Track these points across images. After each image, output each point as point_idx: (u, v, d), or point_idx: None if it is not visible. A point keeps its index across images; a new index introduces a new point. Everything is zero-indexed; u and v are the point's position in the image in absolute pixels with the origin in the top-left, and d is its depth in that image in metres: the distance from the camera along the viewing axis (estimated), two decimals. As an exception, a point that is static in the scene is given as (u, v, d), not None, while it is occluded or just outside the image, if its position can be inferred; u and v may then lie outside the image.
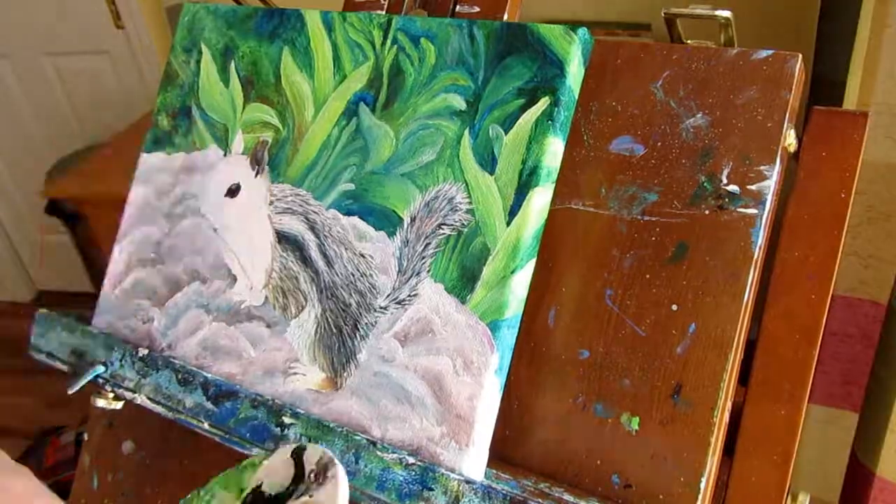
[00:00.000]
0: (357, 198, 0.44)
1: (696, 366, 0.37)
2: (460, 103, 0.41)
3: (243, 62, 0.50)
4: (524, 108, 0.39)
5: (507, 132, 0.40)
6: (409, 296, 0.41)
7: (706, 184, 0.39)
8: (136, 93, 1.82)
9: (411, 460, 0.38)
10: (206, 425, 0.45)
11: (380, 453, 0.39)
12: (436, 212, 0.41)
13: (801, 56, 0.38)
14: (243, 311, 0.46)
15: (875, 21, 0.68)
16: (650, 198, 0.40)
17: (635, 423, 0.38)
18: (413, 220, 0.42)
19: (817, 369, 0.38)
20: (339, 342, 0.42)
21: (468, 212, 0.40)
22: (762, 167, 0.37)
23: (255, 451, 0.43)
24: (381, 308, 0.42)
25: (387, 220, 0.42)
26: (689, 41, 0.41)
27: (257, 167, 0.47)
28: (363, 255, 0.43)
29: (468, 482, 0.37)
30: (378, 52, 0.45)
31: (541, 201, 0.39)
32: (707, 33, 0.41)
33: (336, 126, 0.45)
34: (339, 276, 0.43)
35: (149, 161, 0.53)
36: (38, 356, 0.53)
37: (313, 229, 0.45)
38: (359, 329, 0.42)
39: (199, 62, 0.52)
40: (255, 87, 0.49)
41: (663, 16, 0.40)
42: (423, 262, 0.41)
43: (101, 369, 0.49)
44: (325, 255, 0.44)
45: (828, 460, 0.87)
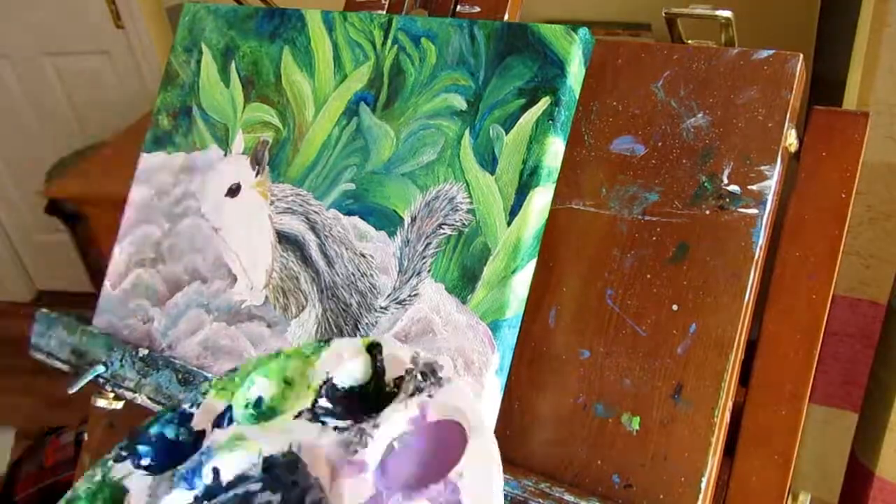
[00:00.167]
0: (358, 198, 0.44)
1: (697, 366, 0.37)
2: (461, 103, 0.41)
3: (244, 62, 0.50)
4: (525, 107, 0.39)
5: (507, 132, 0.40)
6: (409, 296, 0.41)
7: (707, 184, 0.39)
8: (136, 93, 1.82)
9: (412, 460, 0.38)
10: (206, 425, 0.45)
11: (380, 453, 0.39)
12: (436, 212, 0.41)
13: (801, 56, 0.38)
14: (244, 310, 0.46)
15: (875, 20, 0.68)
16: (651, 198, 0.40)
17: (636, 423, 0.38)
18: (414, 219, 0.42)
19: (817, 369, 0.38)
20: (340, 342, 0.42)
21: (469, 212, 0.40)
22: (763, 167, 0.37)
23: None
24: (382, 308, 0.42)
25: (387, 220, 0.42)
26: (689, 41, 0.41)
27: (258, 167, 0.47)
28: (364, 255, 0.43)
29: (469, 482, 0.37)
30: (379, 51, 0.45)
31: (541, 201, 0.39)
32: (707, 33, 0.41)
33: (336, 126, 0.45)
34: (339, 276, 0.43)
35: (149, 161, 0.53)
36: (38, 356, 0.53)
37: (314, 229, 0.45)
38: (359, 329, 0.42)
39: (199, 62, 0.51)
40: (256, 86, 0.49)
41: (664, 16, 0.40)
42: (424, 262, 0.41)
43: (101, 369, 0.49)
44: (326, 255, 0.44)
45: (828, 460, 0.87)
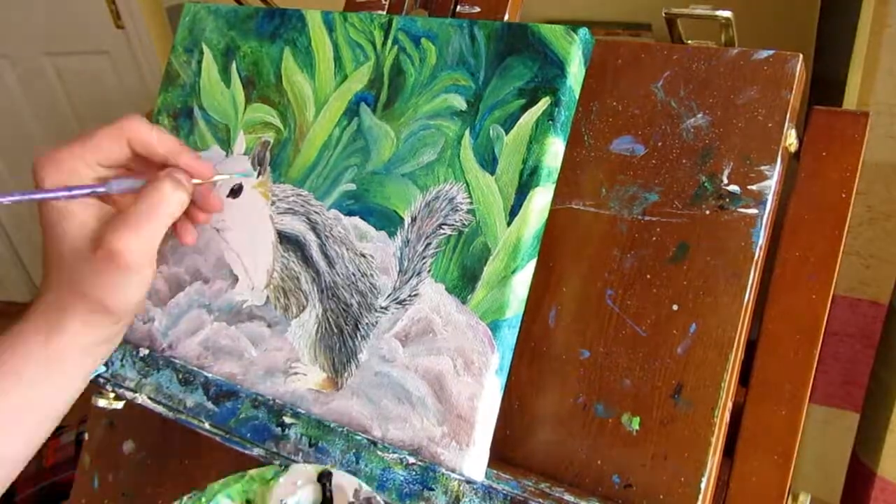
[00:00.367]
0: (358, 198, 0.44)
1: (697, 366, 0.37)
2: (461, 103, 0.42)
3: (244, 62, 0.50)
4: (525, 108, 0.39)
5: (507, 132, 0.40)
6: (409, 296, 0.41)
7: (707, 184, 0.39)
8: (136, 93, 1.82)
9: (412, 460, 0.38)
10: (206, 425, 0.45)
11: (380, 453, 0.39)
12: (436, 212, 0.41)
13: (801, 56, 0.38)
14: (245, 310, 0.46)
15: (875, 21, 0.68)
16: (651, 198, 0.40)
17: (636, 423, 0.38)
18: (414, 220, 0.42)
19: (818, 369, 0.38)
20: (340, 342, 0.43)
21: (469, 212, 0.40)
22: (763, 167, 0.37)
23: (257, 452, 0.43)
24: (382, 308, 0.42)
25: (387, 220, 0.42)
26: (689, 41, 0.41)
27: (259, 167, 0.47)
28: (364, 255, 0.43)
29: (469, 482, 0.37)
30: (379, 52, 0.45)
31: (541, 201, 0.39)
32: (708, 33, 0.41)
33: (337, 126, 0.45)
34: (340, 276, 0.43)
35: (149, 161, 0.53)
36: (39, 356, 0.53)
37: (315, 229, 0.45)
38: (360, 329, 0.42)
39: (200, 62, 0.52)
40: (257, 87, 0.49)
41: (664, 16, 0.40)
42: (424, 262, 0.41)
43: (101, 369, 0.49)
44: (327, 256, 0.44)
45: (828, 460, 0.87)
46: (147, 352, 0.48)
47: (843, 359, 0.83)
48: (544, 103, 0.39)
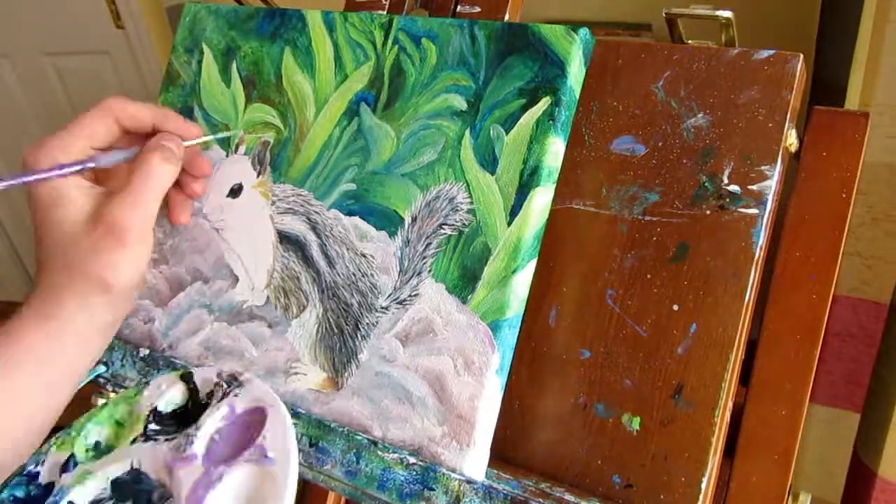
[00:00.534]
0: (358, 198, 0.44)
1: (698, 366, 0.37)
2: (461, 103, 0.42)
3: (245, 62, 0.50)
4: (525, 108, 0.39)
5: (508, 132, 0.40)
6: (410, 296, 0.41)
7: (707, 184, 0.39)
8: (136, 93, 1.82)
9: (412, 460, 0.38)
10: (207, 425, 0.45)
11: (381, 453, 0.39)
12: (437, 212, 0.41)
13: (802, 56, 0.38)
14: (245, 311, 0.46)
15: (876, 20, 0.68)
16: (651, 198, 0.40)
17: (636, 423, 0.38)
18: (414, 219, 0.42)
19: (819, 370, 0.38)
20: (341, 342, 0.43)
21: (469, 212, 0.40)
22: (763, 167, 0.37)
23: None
24: (383, 308, 0.42)
25: (388, 220, 0.42)
26: (689, 41, 0.41)
27: (259, 167, 0.47)
28: (364, 255, 0.43)
29: (469, 482, 0.37)
30: (379, 52, 0.45)
31: (542, 201, 0.39)
32: (708, 33, 0.41)
33: (337, 126, 0.45)
34: (340, 276, 0.43)
35: (150, 161, 0.53)
36: (40, 356, 0.53)
37: (315, 229, 0.45)
38: (360, 329, 0.42)
39: (200, 62, 0.52)
40: (257, 87, 0.49)
41: (664, 16, 0.40)
42: (425, 262, 0.41)
43: (101, 369, 0.49)
44: (327, 255, 0.44)
45: (829, 460, 0.86)
46: (147, 352, 0.48)
47: (844, 359, 0.83)
48: (545, 103, 0.39)
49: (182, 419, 0.36)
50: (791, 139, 0.38)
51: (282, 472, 0.31)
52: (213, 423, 0.34)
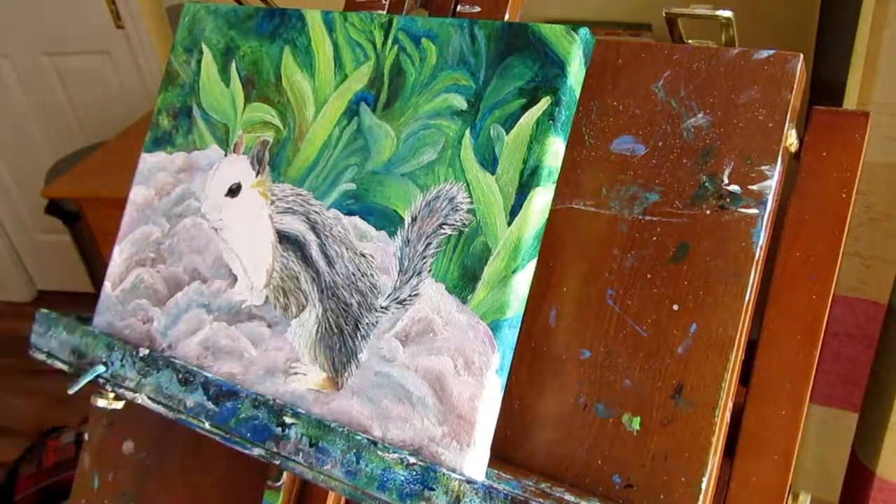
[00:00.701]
0: (358, 198, 0.44)
1: (698, 366, 0.37)
2: (461, 103, 0.41)
3: (244, 62, 0.50)
4: (525, 107, 0.39)
5: (508, 132, 0.40)
6: (410, 296, 0.41)
7: (707, 184, 0.39)
8: (136, 93, 1.82)
9: (412, 460, 0.38)
10: (206, 425, 0.45)
11: (381, 453, 0.39)
12: (437, 211, 0.41)
13: (802, 56, 0.38)
14: (244, 310, 0.46)
15: (875, 21, 0.68)
16: (651, 198, 0.40)
17: (636, 423, 0.38)
18: (414, 219, 0.42)
19: (818, 369, 0.38)
20: (340, 342, 0.42)
21: (469, 211, 0.40)
22: (763, 167, 0.37)
23: (257, 452, 0.43)
24: (383, 308, 0.42)
25: (388, 220, 0.42)
26: (690, 41, 0.41)
27: (258, 167, 0.47)
28: (364, 255, 0.43)
29: (469, 482, 0.37)
30: (379, 51, 0.45)
31: (542, 201, 0.39)
32: (708, 33, 0.41)
33: (337, 126, 0.45)
34: (340, 275, 0.43)
35: (149, 161, 0.53)
36: (39, 356, 0.53)
37: (314, 229, 0.45)
38: (360, 329, 0.42)
39: (199, 62, 0.52)
40: (256, 86, 0.49)
41: (664, 16, 0.40)
42: (424, 262, 0.41)
43: (101, 369, 0.49)
44: (326, 255, 0.44)
45: (828, 460, 0.87)
46: (147, 352, 0.48)
47: (843, 359, 0.83)
48: (545, 103, 0.39)
49: None
50: (791, 139, 0.38)
51: None
52: None
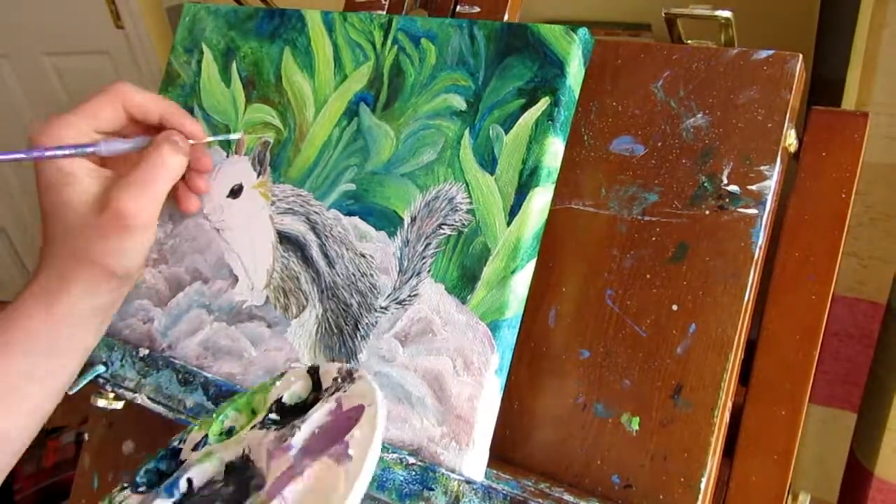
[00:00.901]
0: (358, 198, 0.44)
1: (697, 366, 0.37)
2: (460, 103, 0.42)
3: (244, 62, 0.50)
4: (524, 108, 0.39)
5: (507, 132, 0.40)
6: (409, 296, 0.41)
7: (706, 184, 0.39)
8: (135, 93, 1.82)
9: (411, 460, 0.38)
10: (206, 425, 0.45)
11: (380, 453, 0.39)
12: (436, 212, 0.41)
13: (801, 56, 0.38)
14: (244, 311, 0.46)
15: (874, 21, 0.68)
16: (650, 198, 0.40)
17: (636, 424, 0.38)
18: (413, 220, 0.42)
19: (817, 369, 0.38)
20: (340, 342, 0.43)
21: (468, 212, 0.40)
22: (763, 167, 0.38)
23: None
24: (382, 308, 0.42)
25: (387, 221, 0.42)
26: (689, 41, 0.41)
27: (259, 168, 0.47)
28: (364, 256, 0.43)
29: (468, 482, 0.37)
30: (379, 52, 0.45)
31: (541, 201, 0.39)
32: (707, 33, 0.41)
33: (337, 126, 0.45)
34: (340, 276, 0.43)
35: (149, 161, 0.53)
36: (39, 356, 0.53)
37: (314, 229, 0.45)
38: (359, 329, 0.42)
39: (200, 63, 0.52)
40: (257, 87, 0.49)
41: (663, 16, 0.40)
42: (424, 262, 0.41)
43: (101, 369, 0.49)
44: (327, 256, 0.44)
45: (828, 460, 0.87)
46: (147, 352, 0.48)
47: (842, 359, 0.83)
48: (544, 103, 0.39)
49: (301, 412, 0.37)
50: (790, 139, 0.38)
51: (353, 471, 0.30)
52: (319, 417, 0.34)
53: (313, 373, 0.37)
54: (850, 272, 0.78)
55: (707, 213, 0.38)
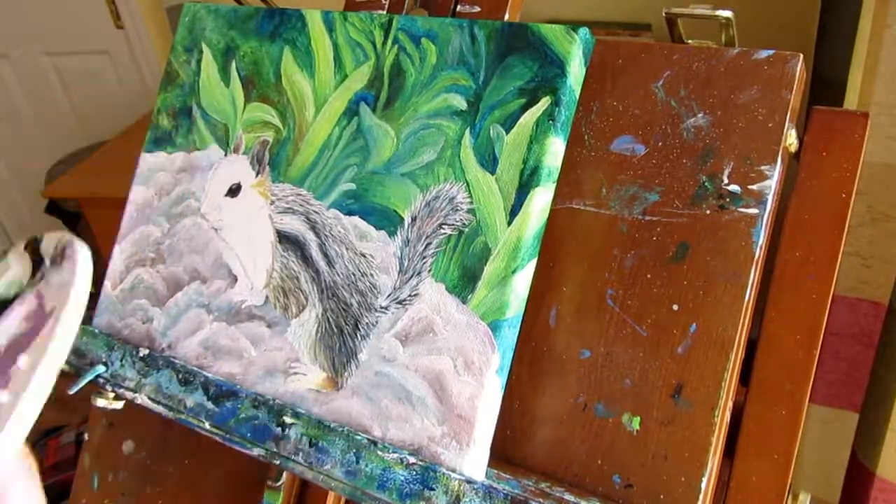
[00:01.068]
0: (358, 197, 0.44)
1: (697, 365, 0.37)
2: (461, 103, 0.41)
3: (244, 62, 0.50)
4: (525, 107, 0.39)
5: (507, 132, 0.40)
6: (409, 295, 0.41)
7: (707, 184, 0.39)
8: (135, 93, 1.82)
9: (412, 460, 0.38)
10: (206, 425, 0.45)
11: (381, 453, 0.39)
12: (437, 211, 0.41)
13: (802, 56, 0.38)
14: (244, 310, 0.46)
15: (875, 21, 0.68)
16: (651, 198, 0.40)
17: (636, 423, 0.38)
18: (414, 219, 0.42)
19: (818, 369, 0.38)
20: (340, 342, 0.42)
21: (469, 211, 0.40)
22: (763, 167, 0.37)
23: (257, 452, 0.43)
24: (382, 308, 0.42)
25: (387, 220, 0.42)
26: (689, 41, 0.41)
27: (258, 167, 0.47)
28: (364, 255, 0.43)
29: (469, 482, 0.37)
30: (379, 51, 0.45)
31: (542, 201, 0.39)
32: (708, 33, 0.41)
33: (337, 126, 0.45)
34: (340, 275, 0.43)
35: (149, 161, 0.53)
36: (39, 356, 0.53)
37: (314, 229, 0.45)
38: (360, 329, 0.42)
39: (199, 62, 0.52)
40: (256, 86, 0.49)
41: (664, 16, 0.40)
42: (424, 262, 0.41)
43: (101, 369, 0.49)
44: (326, 255, 0.44)
45: (828, 460, 0.87)
46: (147, 352, 0.48)
47: (843, 359, 0.83)
48: (545, 103, 0.39)
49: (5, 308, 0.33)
50: (791, 139, 0.38)
51: (6, 411, 0.26)
52: (11, 324, 0.30)
53: (33, 250, 0.33)
54: (852, 272, 0.78)
55: (708, 212, 0.38)
